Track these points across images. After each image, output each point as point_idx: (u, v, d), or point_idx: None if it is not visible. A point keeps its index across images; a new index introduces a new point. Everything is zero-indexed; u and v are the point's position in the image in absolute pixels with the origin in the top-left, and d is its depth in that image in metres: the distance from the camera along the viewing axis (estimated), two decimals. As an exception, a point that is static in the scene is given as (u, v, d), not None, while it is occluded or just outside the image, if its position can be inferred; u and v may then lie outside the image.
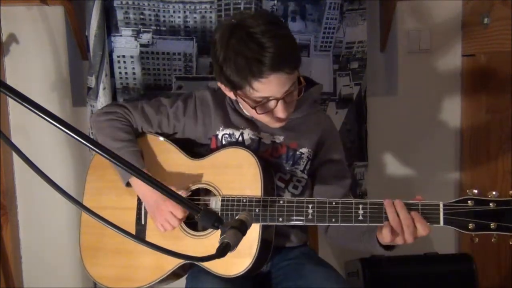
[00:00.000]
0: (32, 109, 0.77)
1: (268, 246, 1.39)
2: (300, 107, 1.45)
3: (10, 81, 2.00)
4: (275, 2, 1.91)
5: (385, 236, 1.23)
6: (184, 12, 1.89)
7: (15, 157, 2.06)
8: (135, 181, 1.40)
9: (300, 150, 1.46)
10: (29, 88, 1.96)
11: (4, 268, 2.03)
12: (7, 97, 0.79)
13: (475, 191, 1.20)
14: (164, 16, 1.89)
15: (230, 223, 0.99)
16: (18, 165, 2.07)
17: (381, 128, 2.20)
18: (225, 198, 1.37)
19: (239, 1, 1.87)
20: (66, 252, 2.10)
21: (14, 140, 1.72)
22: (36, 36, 2.00)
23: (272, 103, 1.31)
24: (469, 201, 1.19)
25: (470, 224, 1.19)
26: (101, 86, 1.84)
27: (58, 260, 2.12)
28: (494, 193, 1.19)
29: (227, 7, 1.89)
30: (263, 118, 1.37)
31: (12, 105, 2.04)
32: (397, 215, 1.20)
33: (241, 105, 1.46)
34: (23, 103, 0.76)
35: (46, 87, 2.03)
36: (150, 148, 1.49)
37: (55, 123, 0.79)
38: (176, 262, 1.39)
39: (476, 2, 2.11)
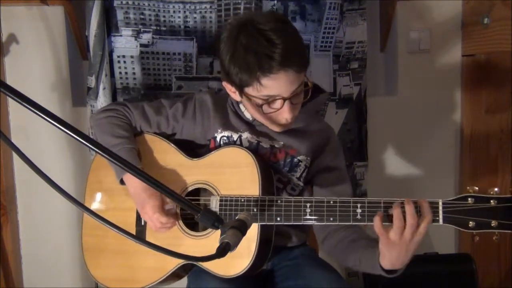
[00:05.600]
0: (32, 109, 0.77)
1: (268, 246, 1.39)
2: (302, 115, 1.42)
3: (10, 81, 2.00)
4: (275, 2, 1.91)
5: (382, 245, 1.19)
6: (184, 12, 1.89)
7: (15, 157, 2.06)
8: (129, 179, 1.40)
9: (298, 158, 1.44)
10: (29, 88, 1.95)
11: (4, 268, 2.03)
12: (7, 97, 0.79)
13: (476, 188, 1.17)
14: (164, 16, 1.89)
15: (230, 223, 0.99)
16: (18, 165, 2.07)
17: (381, 128, 2.20)
18: (223, 198, 1.36)
19: (239, 1, 1.87)
20: (66, 252, 2.10)
21: (14, 140, 1.71)
22: (36, 36, 2.00)
23: (278, 103, 1.29)
24: (469, 199, 1.16)
25: (470, 222, 1.16)
26: (101, 86, 1.84)
27: (58, 260, 2.12)
28: (496, 189, 1.16)
29: (227, 7, 1.89)
30: (266, 120, 1.36)
31: (12, 105, 2.04)
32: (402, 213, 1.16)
33: (243, 108, 1.45)
34: (23, 103, 0.76)
35: (46, 87, 2.03)
36: (148, 148, 1.49)
37: (55, 123, 0.79)
38: (176, 262, 1.39)
39: (476, 2, 2.11)
